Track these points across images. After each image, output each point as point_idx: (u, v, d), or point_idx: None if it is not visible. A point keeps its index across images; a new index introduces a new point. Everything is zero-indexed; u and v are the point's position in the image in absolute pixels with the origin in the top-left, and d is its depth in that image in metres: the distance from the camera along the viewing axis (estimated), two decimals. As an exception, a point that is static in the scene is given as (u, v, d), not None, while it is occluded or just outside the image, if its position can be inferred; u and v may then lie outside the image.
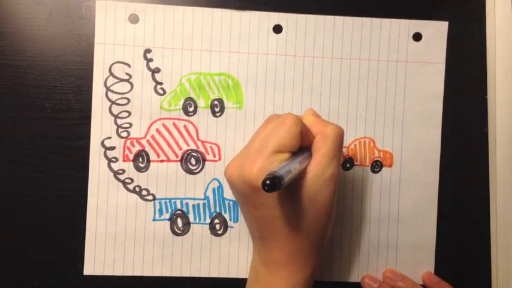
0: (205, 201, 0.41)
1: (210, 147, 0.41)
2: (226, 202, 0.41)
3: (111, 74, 0.40)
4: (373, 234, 0.42)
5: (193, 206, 0.41)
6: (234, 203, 0.41)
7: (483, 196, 0.42)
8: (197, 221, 0.41)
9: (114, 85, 0.40)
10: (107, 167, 0.40)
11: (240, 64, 0.41)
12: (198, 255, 0.41)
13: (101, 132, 0.40)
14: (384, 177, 0.42)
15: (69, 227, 0.40)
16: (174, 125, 0.40)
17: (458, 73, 0.42)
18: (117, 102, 0.40)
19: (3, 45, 0.39)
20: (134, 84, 0.40)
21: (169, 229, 0.40)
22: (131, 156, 0.40)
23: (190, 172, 0.40)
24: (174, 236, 0.40)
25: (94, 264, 0.40)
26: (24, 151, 0.40)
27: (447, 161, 0.42)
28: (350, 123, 0.41)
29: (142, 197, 0.40)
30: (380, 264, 0.42)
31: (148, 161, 0.40)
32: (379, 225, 0.42)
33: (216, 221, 0.41)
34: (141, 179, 0.40)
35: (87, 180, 0.40)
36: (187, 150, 0.40)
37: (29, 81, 0.40)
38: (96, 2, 0.40)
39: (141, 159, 0.40)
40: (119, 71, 0.40)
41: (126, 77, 0.40)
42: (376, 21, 0.41)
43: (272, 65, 0.41)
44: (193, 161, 0.40)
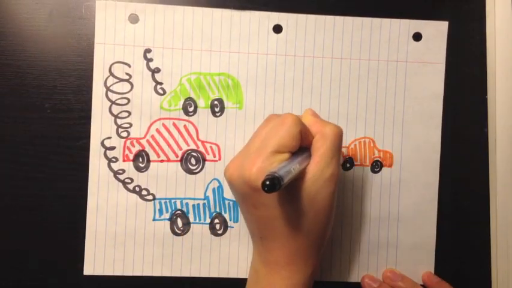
0: (205, 201, 0.41)
1: (210, 147, 0.41)
2: (226, 202, 0.41)
3: (111, 74, 0.40)
4: (373, 234, 0.42)
5: (193, 206, 0.41)
6: (234, 203, 0.41)
7: (483, 196, 0.42)
8: (197, 221, 0.41)
9: (114, 85, 0.40)
10: (107, 167, 0.40)
11: (240, 64, 0.41)
12: (198, 255, 0.41)
13: (101, 132, 0.40)
14: (384, 177, 0.42)
15: (69, 227, 0.40)
16: (174, 125, 0.40)
17: (458, 73, 0.42)
18: (117, 102, 0.40)
19: (3, 45, 0.40)
20: (134, 84, 0.40)
21: (169, 229, 0.40)
22: (131, 156, 0.40)
23: (190, 172, 0.40)
24: (174, 236, 0.40)
25: (94, 264, 0.40)
26: (24, 151, 0.40)
27: (447, 161, 0.42)
28: (350, 123, 0.41)
29: (142, 197, 0.40)
30: (380, 264, 0.42)
31: (148, 161, 0.40)
32: (379, 225, 0.42)
33: (216, 221, 0.41)
34: (141, 179, 0.40)
35: (87, 180, 0.40)
36: (187, 150, 0.40)
37: (29, 81, 0.40)
38: (96, 2, 0.40)
39: (141, 159, 0.40)
40: (119, 71, 0.40)
41: (126, 77, 0.40)
42: (376, 21, 0.41)
43: (272, 65, 0.41)
44: (193, 161, 0.40)
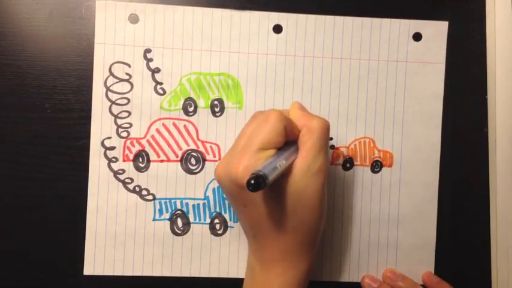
0: (205, 201, 0.41)
1: (210, 147, 0.41)
2: (226, 202, 0.41)
3: (111, 74, 0.40)
4: (373, 234, 0.42)
5: (193, 206, 0.41)
6: (234, 203, 0.41)
7: (483, 196, 0.42)
8: (197, 221, 0.41)
9: (114, 85, 0.40)
10: (107, 167, 0.40)
11: (240, 64, 0.41)
12: (198, 255, 0.41)
13: (101, 132, 0.40)
14: (384, 177, 0.42)
15: (69, 227, 0.40)
16: (174, 125, 0.40)
17: (458, 73, 0.42)
18: (117, 102, 0.40)
19: (3, 45, 0.39)
20: (134, 84, 0.40)
21: (169, 229, 0.40)
22: (131, 156, 0.40)
23: (190, 172, 0.40)
24: (174, 236, 0.40)
25: (94, 264, 0.40)
26: (24, 151, 0.40)
27: (447, 161, 0.42)
28: (350, 123, 0.41)
29: (142, 197, 0.40)
30: (380, 264, 0.42)
31: (148, 161, 0.40)
32: (379, 225, 0.42)
33: (216, 221, 0.41)
34: (141, 179, 0.40)
35: (87, 180, 0.40)
36: (187, 150, 0.40)
37: (29, 81, 0.40)
38: (96, 2, 0.40)
39: (141, 159, 0.40)
40: (119, 71, 0.40)
41: (126, 77, 0.40)
42: (376, 21, 0.41)
43: (272, 65, 0.41)
44: (193, 161, 0.40)
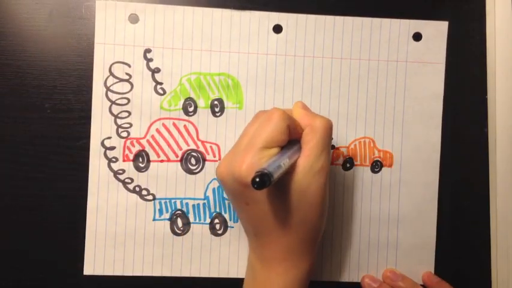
0: (205, 201, 0.41)
1: (210, 147, 0.41)
2: (226, 202, 0.41)
3: (111, 74, 0.40)
4: (373, 234, 0.42)
5: (193, 206, 0.41)
6: (234, 203, 0.41)
7: (483, 196, 0.42)
8: (197, 221, 0.41)
9: (114, 85, 0.40)
10: (107, 167, 0.40)
11: (240, 64, 0.41)
12: (198, 255, 0.41)
13: (101, 132, 0.40)
14: (384, 177, 0.42)
15: (69, 227, 0.40)
16: (174, 125, 0.40)
17: (458, 73, 0.42)
18: (117, 102, 0.40)
19: (3, 45, 0.39)
20: (134, 84, 0.40)
21: (169, 229, 0.40)
22: (131, 156, 0.40)
23: (190, 172, 0.40)
24: (174, 236, 0.40)
25: (94, 264, 0.40)
26: (24, 151, 0.40)
27: (447, 161, 0.42)
28: (350, 123, 0.41)
29: (142, 197, 0.40)
30: (380, 264, 0.42)
31: (148, 161, 0.40)
32: (379, 225, 0.42)
33: (216, 221, 0.41)
34: (141, 179, 0.40)
35: (87, 180, 0.40)
36: (187, 150, 0.40)
37: (29, 81, 0.40)
38: (96, 2, 0.40)
39: (141, 159, 0.40)
40: (119, 71, 0.40)
41: (126, 77, 0.40)
42: (376, 21, 0.41)
43: (272, 65, 0.41)
44: (193, 161, 0.40)
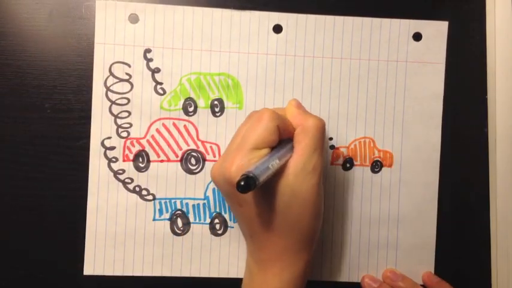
0: (205, 201, 0.41)
1: (210, 147, 0.41)
2: (226, 202, 0.41)
3: (111, 74, 0.40)
4: (373, 234, 0.42)
5: (193, 206, 0.41)
6: (234, 203, 0.41)
7: (483, 196, 0.42)
8: (197, 221, 0.41)
9: (114, 85, 0.40)
10: (107, 167, 0.40)
11: (240, 64, 0.41)
12: (198, 255, 0.41)
13: (101, 132, 0.40)
14: (384, 177, 0.42)
15: (69, 227, 0.40)
16: (174, 125, 0.40)
17: (458, 73, 0.42)
18: (117, 102, 0.40)
19: (3, 45, 0.39)
20: (134, 84, 0.40)
21: (169, 229, 0.40)
22: (131, 156, 0.40)
23: (190, 172, 0.40)
24: (174, 236, 0.40)
25: (94, 264, 0.40)
26: (24, 151, 0.40)
27: (447, 161, 0.42)
28: (350, 123, 0.41)
29: (142, 197, 0.40)
30: (380, 264, 0.42)
31: (148, 161, 0.40)
32: (379, 225, 0.42)
33: (216, 221, 0.41)
34: (141, 179, 0.40)
35: (87, 180, 0.40)
36: (187, 150, 0.40)
37: (29, 81, 0.40)
38: (96, 1, 0.40)
39: (141, 159, 0.40)
40: (119, 71, 0.40)
41: (126, 77, 0.40)
42: (376, 21, 0.41)
43: (272, 65, 0.41)
44: (193, 161, 0.40)
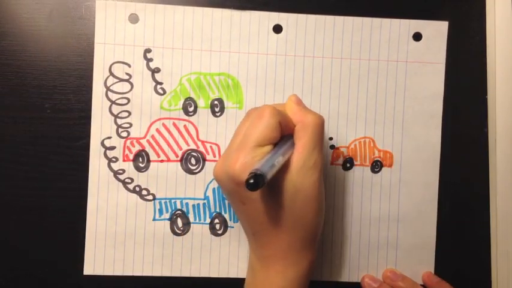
0: (205, 201, 0.41)
1: (210, 147, 0.41)
2: (226, 202, 0.41)
3: (111, 73, 0.40)
4: (373, 234, 0.42)
5: (193, 206, 0.41)
6: (234, 203, 0.41)
7: (483, 196, 0.42)
8: (197, 221, 0.41)
9: (114, 85, 0.40)
10: (107, 166, 0.40)
11: (240, 64, 0.41)
12: (198, 255, 0.41)
13: (101, 132, 0.40)
14: (384, 177, 0.42)
15: (69, 227, 0.40)
16: (174, 125, 0.40)
17: (458, 73, 0.42)
18: (117, 102, 0.40)
19: (3, 45, 0.39)
20: (134, 84, 0.40)
21: (169, 229, 0.40)
22: (131, 156, 0.40)
23: (190, 172, 0.40)
24: (174, 236, 0.40)
25: (94, 264, 0.40)
26: (24, 151, 0.40)
27: (447, 161, 0.42)
28: (350, 123, 0.41)
29: (142, 197, 0.40)
30: (380, 264, 0.42)
31: (148, 161, 0.40)
32: (379, 225, 0.42)
33: (216, 221, 0.41)
34: (141, 179, 0.40)
35: (87, 180, 0.40)
36: (187, 150, 0.40)
37: (29, 81, 0.40)
38: (96, 2, 0.40)
39: (141, 159, 0.40)
40: (119, 71, 0.40)
41: (126, 77, 0.40)
42: (376, 21, 0.41)
43: (272, 65, 0.41)
44: (193, 161, 0.40)
